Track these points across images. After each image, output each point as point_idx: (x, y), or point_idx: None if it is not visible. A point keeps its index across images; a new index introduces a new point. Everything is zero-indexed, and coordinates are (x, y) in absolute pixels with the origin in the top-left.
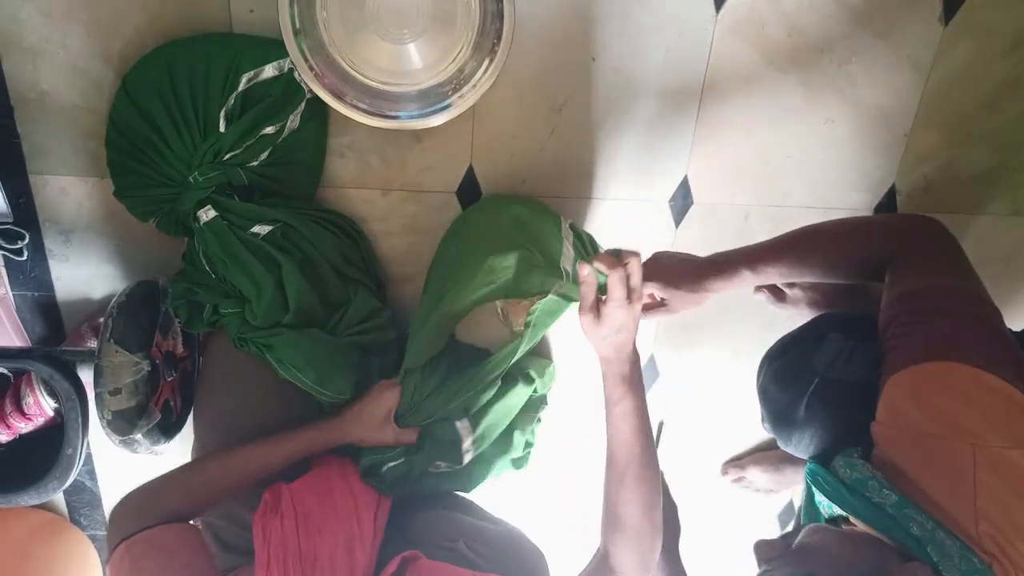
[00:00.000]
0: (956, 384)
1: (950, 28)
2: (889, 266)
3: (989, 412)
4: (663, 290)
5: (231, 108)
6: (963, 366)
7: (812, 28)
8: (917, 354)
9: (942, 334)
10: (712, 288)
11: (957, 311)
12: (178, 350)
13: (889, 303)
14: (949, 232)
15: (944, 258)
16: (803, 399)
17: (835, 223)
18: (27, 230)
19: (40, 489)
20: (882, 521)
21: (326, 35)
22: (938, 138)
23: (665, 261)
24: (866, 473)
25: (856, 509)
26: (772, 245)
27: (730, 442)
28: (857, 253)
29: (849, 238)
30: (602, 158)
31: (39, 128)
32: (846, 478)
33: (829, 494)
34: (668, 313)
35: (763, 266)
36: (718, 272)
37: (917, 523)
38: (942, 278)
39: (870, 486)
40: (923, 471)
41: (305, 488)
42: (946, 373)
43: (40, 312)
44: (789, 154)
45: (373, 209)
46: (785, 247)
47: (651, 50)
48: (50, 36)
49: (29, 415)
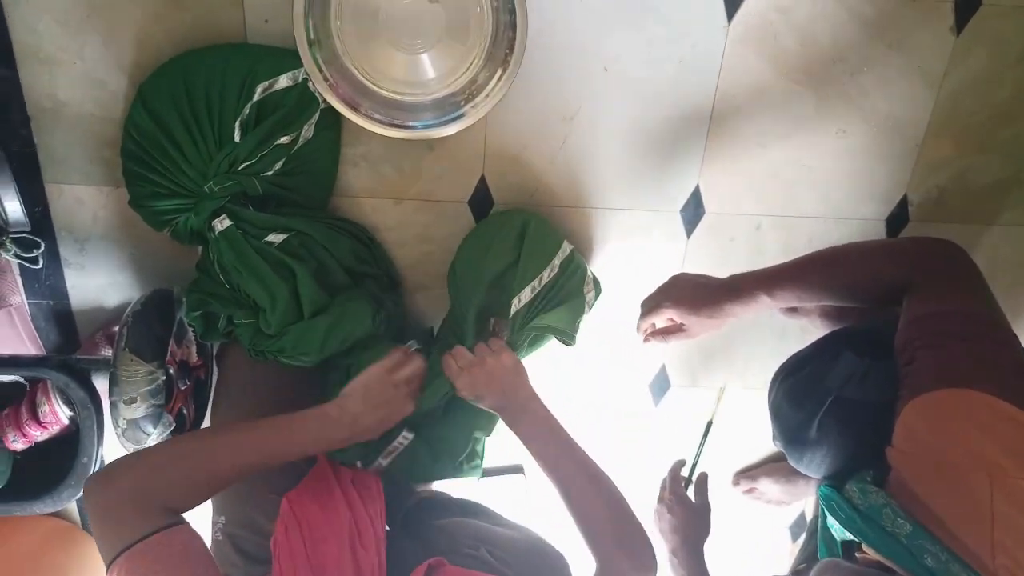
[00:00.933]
0: (974, 412)
1: (962, 38)
2: (907, 291)
3: (1007, 442)
4: (681, 315)
5: (246, 118)
6: (981, 394)
7: (824, 38)
8: (934, 380)
9: (960, 360)
10: (730, 313)
11: (974, 336)
12: (192, 359)
13: (905, 326)
14: (967, 255)
15: (962, 282)
16: (816, 418)
17: (852, 247)
18: (42, 238)
19: (55, 497)
20: (896, 551)
21: (340, 45)
22: (950, 148)
23: (682, 285)
24: (880, 501)
25: (869, 538)
26: (789, 269)
27: (741, 453)
28: (874, 278)
29: (866, 263)
30: (614, 168)
31: (55, 137)
32: (860, 505)
33: (842, 520)
34: (687, 337)
35: (780, 291)
36: (736, 297)
37: (931, 554)
38: (960, 302)
39: (884, 514)
40: (940, 500)
41: (305, 494)
42: (964, 400)
43: (55, 320)
44: (801, 164)
45: (386, 219)
46: (802, 271)
47: (663, 61)
48: (67, 46)
49: (45, 423)
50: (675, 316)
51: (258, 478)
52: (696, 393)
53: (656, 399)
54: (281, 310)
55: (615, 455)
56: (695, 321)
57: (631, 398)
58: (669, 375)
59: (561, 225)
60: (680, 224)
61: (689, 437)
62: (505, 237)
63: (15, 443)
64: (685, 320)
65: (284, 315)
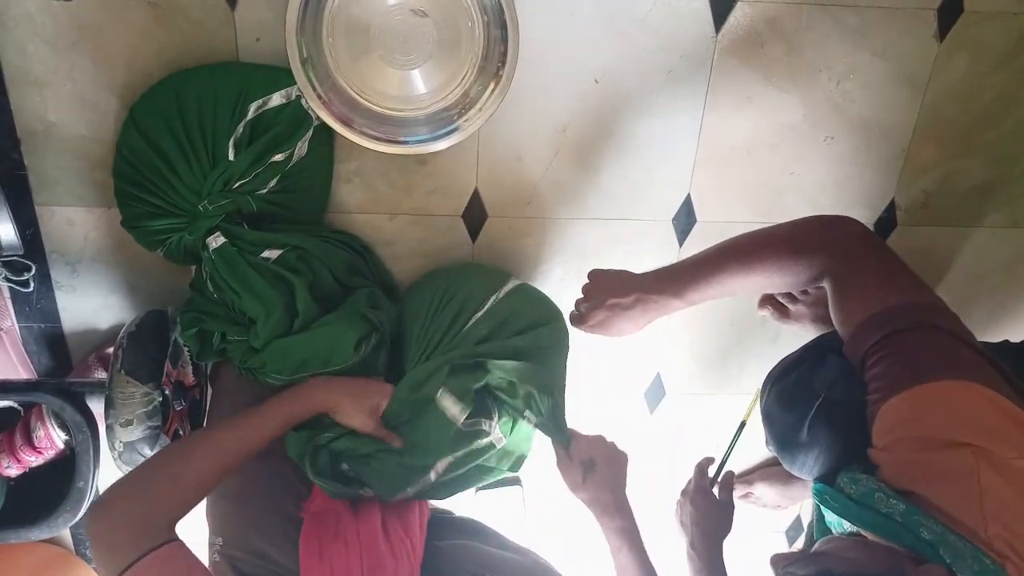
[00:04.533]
0: (947, 402)
1: (945, 44)
2: (828, 274)
3: (986, 424)
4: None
5: (240, 136)
6: (950, 383)
7: (810, 47)
8: (900, 382)
9: (918, 356)
10: (641, 322)
11: (923, 327)
12: (188, 379)
13: (854, 336)
14: (865, 227)
15: (886, 267)
16: (805, 421)
17: (756, 236)
18: (33, 261)
19: (51, 523)
20: (892, 530)
21: (332, 62)
22: (936, 153)
23: (602, 286)
24: (871, 485)
25: (866, 521)
26: (698, 266)
27: (737, 458)
28: (787, 265)
29: (775, 251)
30: (606, 178)
31: (46, 159)
32: (852, 493)
33: (838, 510)
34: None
35: (691, 292)
36: (644, 304)
37: (927, 527)
38: (895, 293)
39: (877, 498)
40: (927, 483)
41: (369, 521)
42: (935, 393)
43: (46, 344)
44: (789, 171)
45: (380, 234)
46: (711, 267)
47: (653, 71)
48: (57, 68)
49: (40, 448)
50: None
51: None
52: (691, 401)
53: (651, 407)
54: (274, 322)
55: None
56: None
57: (626, 406)
58: (664, 383)
59: (556, 236)
60: (672, 233)
61: (685, 445)
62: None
63: (9, 469)
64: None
65: (275, 328)
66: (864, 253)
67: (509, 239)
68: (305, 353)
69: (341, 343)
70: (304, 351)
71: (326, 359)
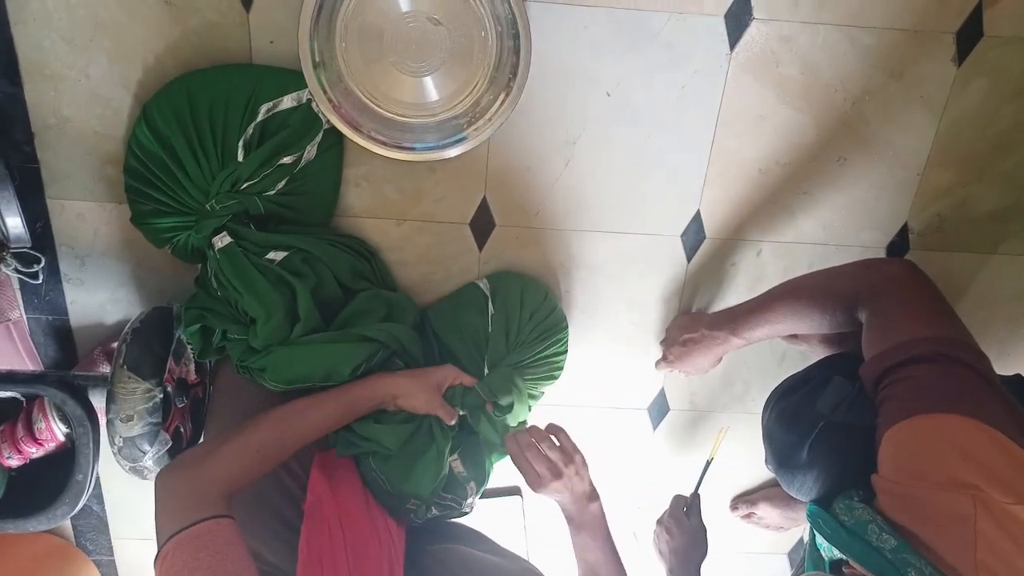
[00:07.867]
0: (952, 435)
1: (963, 68)
2: (863, 309)
3: (987, 466)
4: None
5: (249, 138)
6: (958, 417)
7: (825, 67)
8: (912, 407)
9: (936, 386)
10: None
11: (947, 360)
12: (190, 377)
13: (877, 356)
14: (916, 268)
15: (924, 303)
16: (807, 442)
17: (811, 275)
18: (43, 254)
19: (50, 515)
20: (880, 566)
21: (344, 66)
22: (951, 177)
23: (675, 335)
24: (866, 517)
25: (855, 552)
26: (749, 307)
27: (740, 477)
28: (828, 298)
29: (820, 285)
30: (615, 191)
31: (59, 154)
32: (847, 521)
33: (829, 536)
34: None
35: (748, 330)
36: (712, 342)
37: (915, 568)
38: (926, 326)
39: (870, 530)
40: (923, 522)
41: (352, 507)
42: (942, 425)
43: (53, 336)
44: (802, 191)
45: (387, 239)
46: (765, 306)
47: (666, 86)
48: (73, 63)
49: (40, 440)
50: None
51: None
52: (695, 417)
53: (655, 423)
54: (274, 324)
55: (612, 477)
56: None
57: (630, 422)
58: (668, 399)
59: (562, 247)
60: (681, 248)
61: (686, 461)
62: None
63: (10, 460)
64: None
65: (275, 330)
66: (904, 288)
67: (516, 249)
68: (306, 368)
69: (341, 364)
70: (306, 365)
71: (326, 376)
